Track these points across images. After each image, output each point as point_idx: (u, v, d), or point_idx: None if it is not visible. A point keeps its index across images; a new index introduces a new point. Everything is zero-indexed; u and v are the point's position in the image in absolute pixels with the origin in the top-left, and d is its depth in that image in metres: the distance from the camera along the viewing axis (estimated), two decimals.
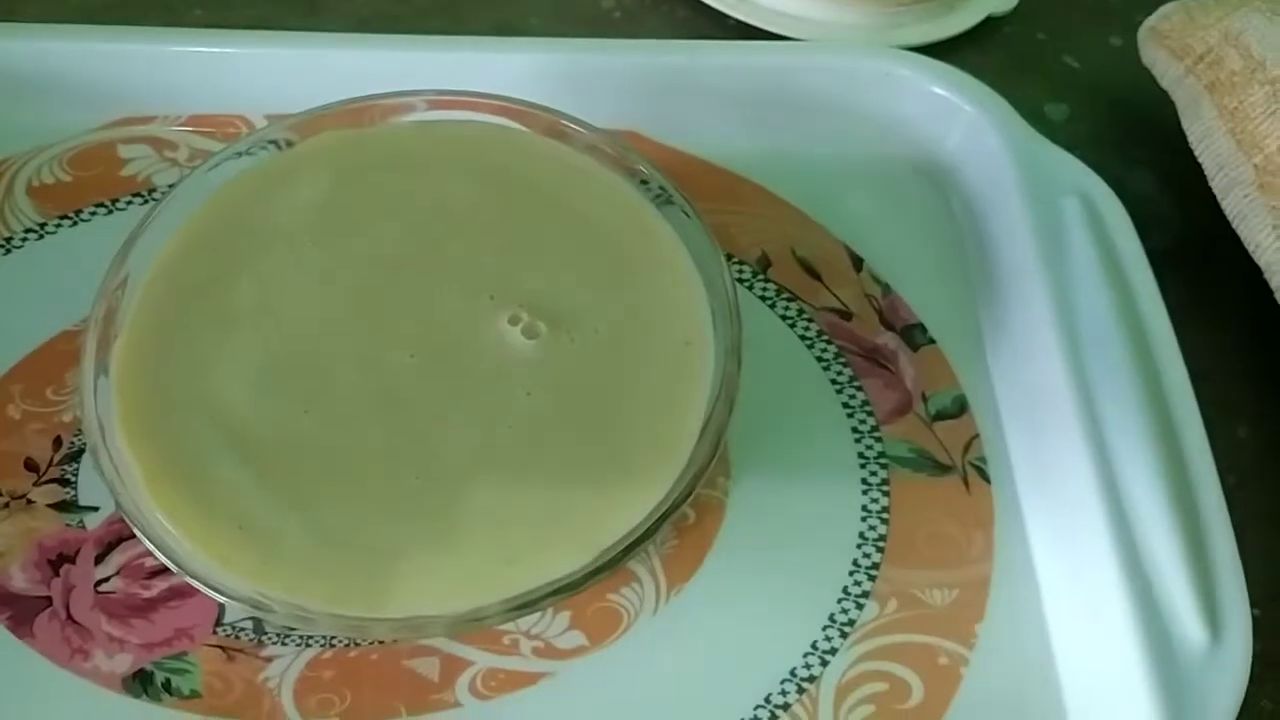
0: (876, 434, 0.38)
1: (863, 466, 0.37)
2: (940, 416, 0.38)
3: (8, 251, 0.39)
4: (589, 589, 0.29)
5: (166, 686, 0.32)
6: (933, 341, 0.40)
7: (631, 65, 0.42)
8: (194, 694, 0.32)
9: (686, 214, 0.35)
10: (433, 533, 0.30)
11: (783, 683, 0.33)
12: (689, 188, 0.36)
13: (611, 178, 0.36)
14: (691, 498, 0.31)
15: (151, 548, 0.29)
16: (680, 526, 0.36)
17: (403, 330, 0.33)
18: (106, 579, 0.34)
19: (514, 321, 0.32)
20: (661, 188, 0.35)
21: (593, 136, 0.36)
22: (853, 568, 0.35)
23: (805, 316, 0.40)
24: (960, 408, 0.38)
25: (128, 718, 0.32)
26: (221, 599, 0.29)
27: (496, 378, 0.32)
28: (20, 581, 0.34)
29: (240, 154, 0.36)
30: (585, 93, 0.41)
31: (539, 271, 0.34)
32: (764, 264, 0.41)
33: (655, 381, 0.32)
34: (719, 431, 0.31)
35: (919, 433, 0.38)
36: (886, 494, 0.37)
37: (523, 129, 0.36)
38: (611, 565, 0.29)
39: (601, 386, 0.32)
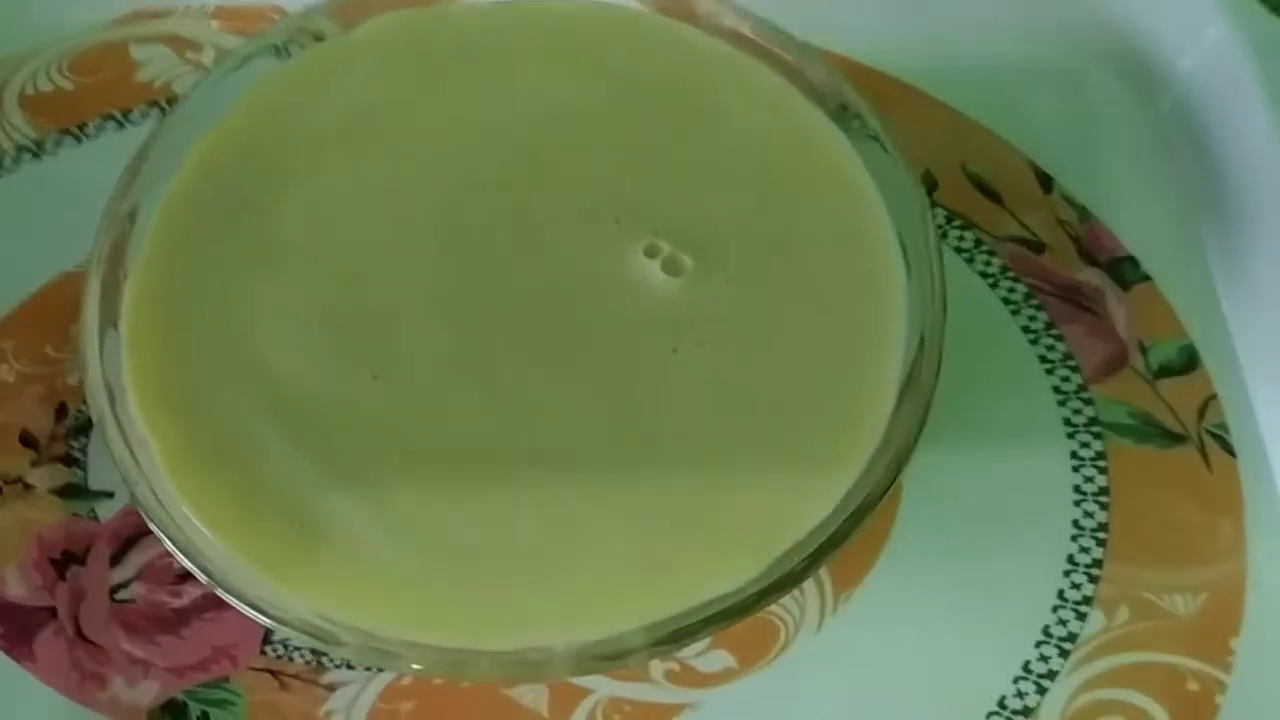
0: (1085, 394, 0.30)
1: (1071, 436, 0.29)
2: (1165, 372, 0.30)
3: None
4: (761, 609, 0.22)
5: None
6: (1148, 278, 0.32)
7: None
8: None
9: (858, 117, 0.27)
10: (548, 536, 0.22)
11: (989, 717, 0.26)
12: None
13: (756, 69, 0.28)
14: (892, 488, 0.23)
15: (174, 550, 0.22)
16: None
17: (500, 267, 0.25)
18: (125, 584, 0.27)
19: (651, 253, 0.25)
20: (827, 87, 0.27)
21: (732, 17, 0.28)
22: (1068, 566, 0.28)
23: (984, 249, 0.32)
24: (1190, 362, 0.30)
25: None
26: (269, 623, 0.21)
27: (630, 329, 0.24)
28: (17, 588, 0.27)
29: (276, 48, 0.28)
30: None
31: (675, 189, 0.26)
32: (930, 185, 0.33)
33: (836, 329, 0.24)
34: (926, 399, 0.24)
35: (1139, 393, 0.30)
36: (1104, 470, 0.29)
37: (639, 6, 0.28)
38: (790, 581, 0.22)
39: (769, 338, 0.24)
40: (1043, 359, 0.30)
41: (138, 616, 0.26)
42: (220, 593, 0.22)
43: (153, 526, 0.22)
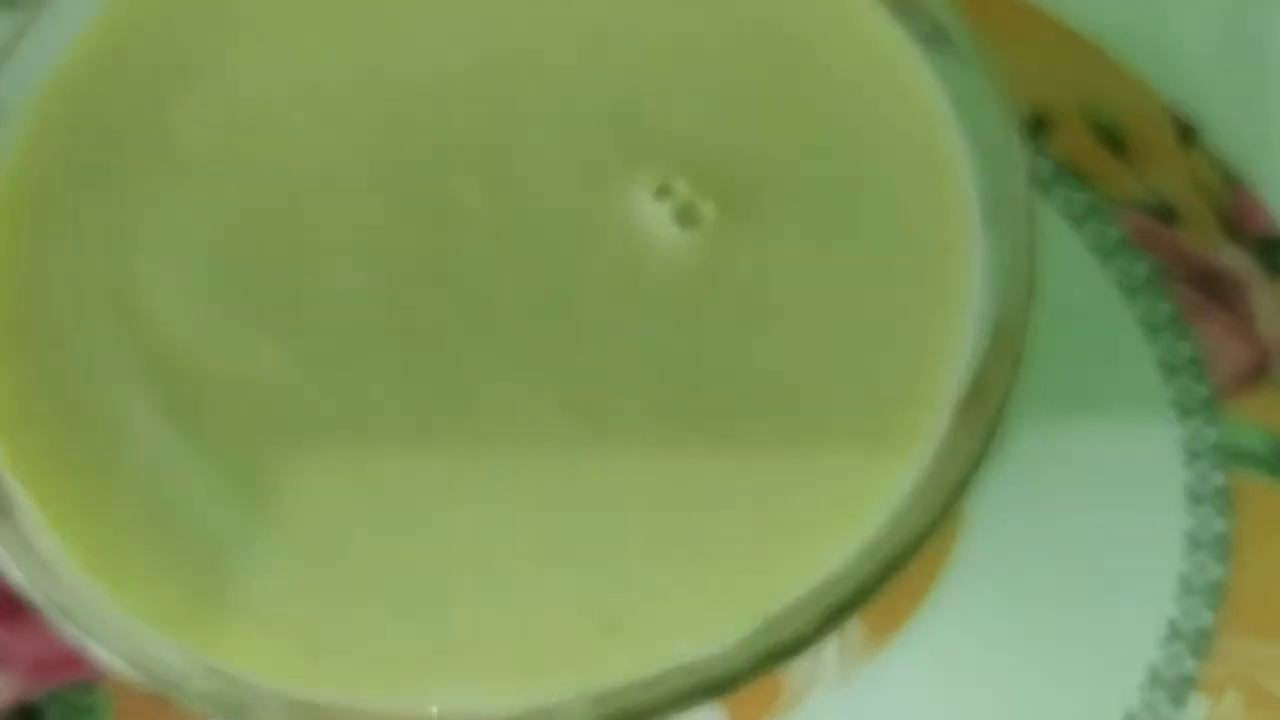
0: (1211, 411, 0.23)
1: (1188, 465, 0.23)
2: None
3: None
4: (752, 681, 0.16)
5: None
6: None
7: None
8: None
9: (946, 35, 0.20)
10: (468, 565, 0.17)
11: None
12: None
13: None
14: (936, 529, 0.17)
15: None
16: None
17: (459, 200, 0.19)
18: None
19: (662, 195, 0.19)
20: None
21: None
22: (1169, 633, 0.22)
23: (1100, 215, 0.25)
24: None
25: None
26: (103, 654, 0.16)
27: (618, 295, 0.18)
28: None
29: None
30: None
31: (704, 112, 0.20)
32: (1036, 126, 0.26)
33: (887, 314, 0.18)
34: (994, 411, 0.17)
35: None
36: (1226, 513, 0.23)
37: None
38: (790, 649, 0.16)
39: (802, 320, 0.18)
40: (1163, 363, 0.24)
41: None
42: (35, 601, 0.17)
43: None
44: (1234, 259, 0.25)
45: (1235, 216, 0.25)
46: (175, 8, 0.20)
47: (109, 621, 0.17)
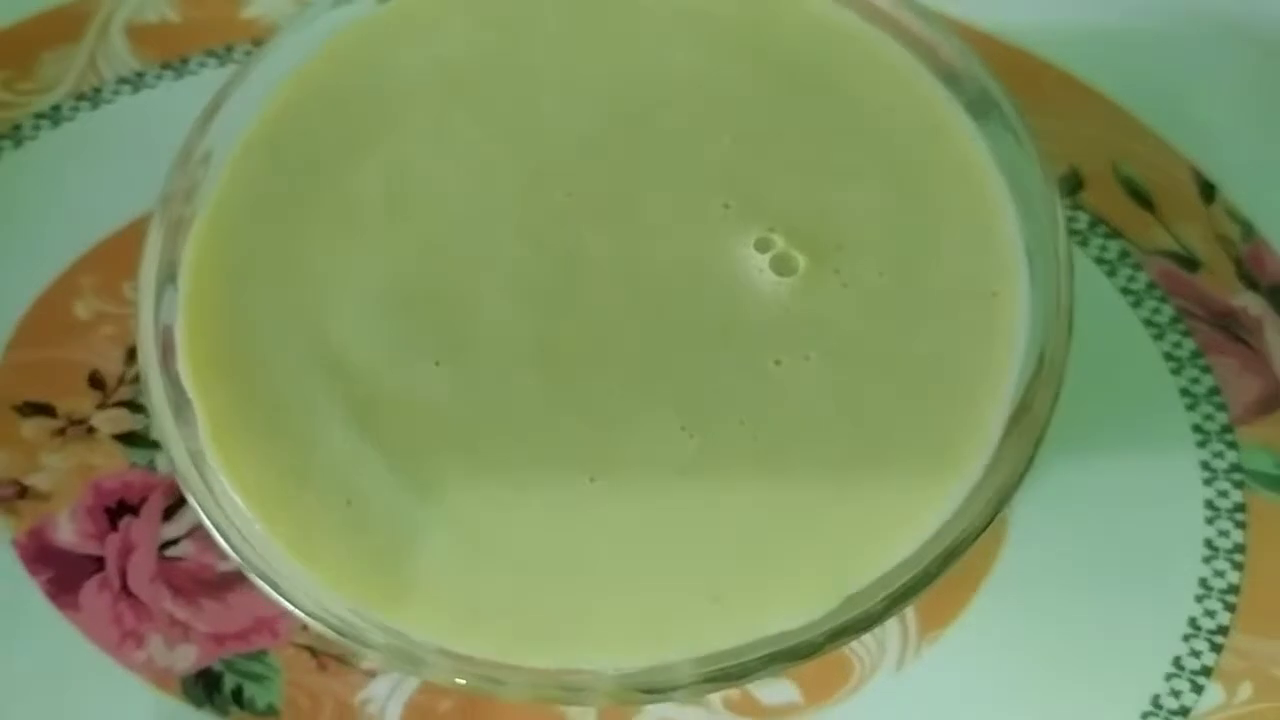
0: (1229, 436, 0.27)
1: (1208, 483, 0.26)
2: None
3: (95, 106, 0.31)
4: (829, 652, 0.20)
5: (238, 695, 0.24)
6: None
7: None
8: (270, 710, 0.24)
9: (995, 104, 0.24)
10: (605, 553, 0.20)
11: None
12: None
13: (887, 44, 0.25)
14: (991, 526, 0.20)
15: (205, 520, 0.20)
16: None
17: (587, 248, 0.23)
18: (175, 541, 0.26)
19: (763, 247, 0.22)
20: (964, 71, 0.24)
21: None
22: (1189, 630, 0.25)
23: (1130, 262, 0.29)
24: None
25: None
26: (291, 609, 0.20)
27: (728, 333, 0.22)
28: (68, 533, 0.26)
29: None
30: None
31: (794, 176, 0.23)
32: (1074, 184, 0.30)
33: (945, 350, 0.22)
34: (1038, 430, 0.21)
35: None
36: (1241, 525, 0.26)
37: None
38: (862, 624, 0.20)
39: (870, 353, 0.22)
40: (1185, 392, 0.27)
41: (184, 576, 0.25)
42: (247, 573, 0.20)
43: (186, 494, 0.21)
44: (1250, 302, 0.28)
45: (1251, 264, 0.28)
46: (354, 77, 0.24)
47: (307, 590, 0.20)
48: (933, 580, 0.20)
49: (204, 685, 0.24)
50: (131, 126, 0.31)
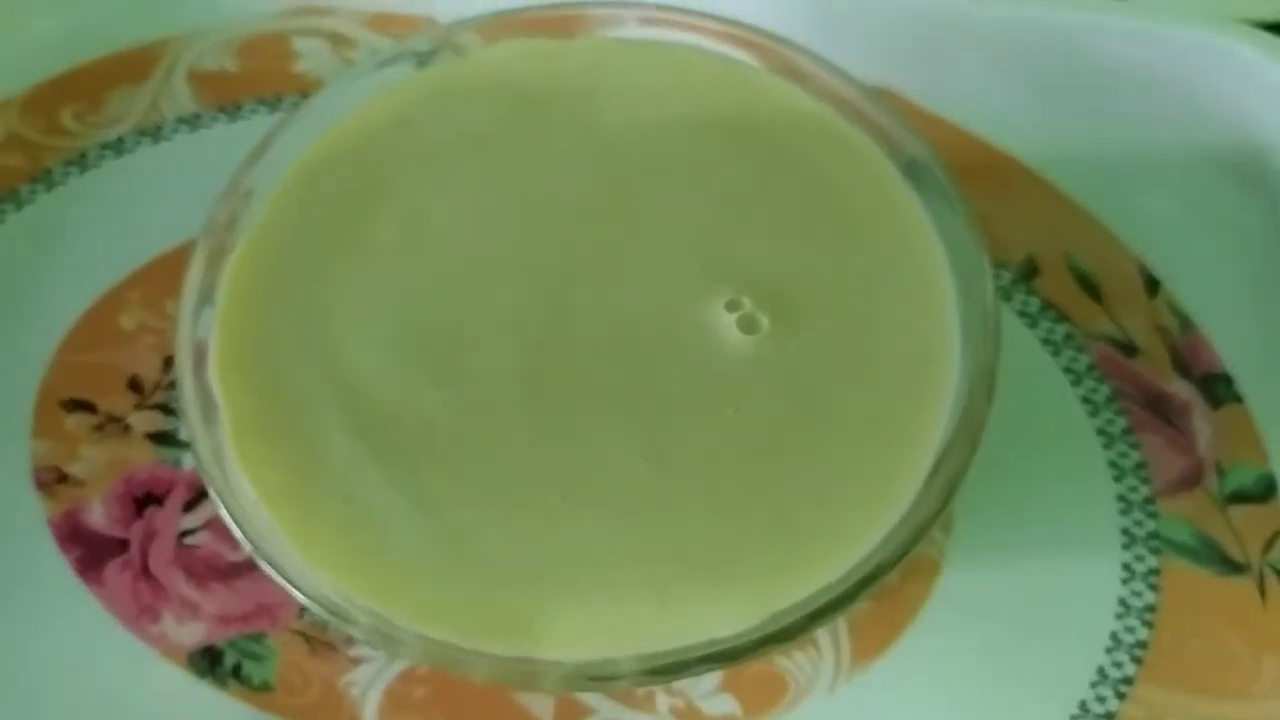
0: (1151, 507, 0.29)
1: (1126, 548, 0.29)
2: (1238, 498, 0.29)
3: (156, 141, 0.35)
4: (755, 659, 0.22)
5: (236, 671, 0.27)
6: (1239, 400, 0.30)
7: (896, 2, 0.34)
8: (265, 685, 0.27)
9: (946, 194, 0.27)
10: (571, 560, 0.23)
11: None
12: (947, 162, 0.28)
13: (856, 136, 0.28)
14: (904, 561, 0.23)
15: (221, 510, 0.23)
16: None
17: (576, 297, 0.26)
18: (193, 530, 0.29)
19: (732, 308, 0.25)
20: (918, 158, 0.27)
21: (838, 83, 0.28)
22: (1097, 678, 0.27)
23: (1074, 344, 0.31)
24: (1267, 491, 0.29)
25: (188, 700, 0.27)
26: (286, 586, 0.23)
27: (696, 382, 0.25)
28: (99, 518, 0.29)
29: (418, 55, 0.30)
30: (834, 29, 0.34)
31: (764, 245, 0.27)
32: (1029, 271, 0.32)
33: (883, 404, 0.25)
34: (954, 480, 0.24)
35: (1207, 515, 0.29)
36: (1154, 588, 0.28)
37: (753, 63, 0.29)
38: (786, 636, 0.22)
39: (819, 404, 0.25)
40: (1113, 464, 0.30)
41: (198, 562, 0.28)
42: (254, 556, 0.23)
43: (207, 486, 0.24)
44: (1181, 389, 0.31)
45: (1186, 354, 0.31)
46: (384, 133, 0.28)
47: (304, 574, 0.23)
48: (849, 602, 0.23)
49: (208, 660, 0.27)
50: (187, 161, 0.35)
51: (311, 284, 0.26)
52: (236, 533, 0.23)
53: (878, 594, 0.26)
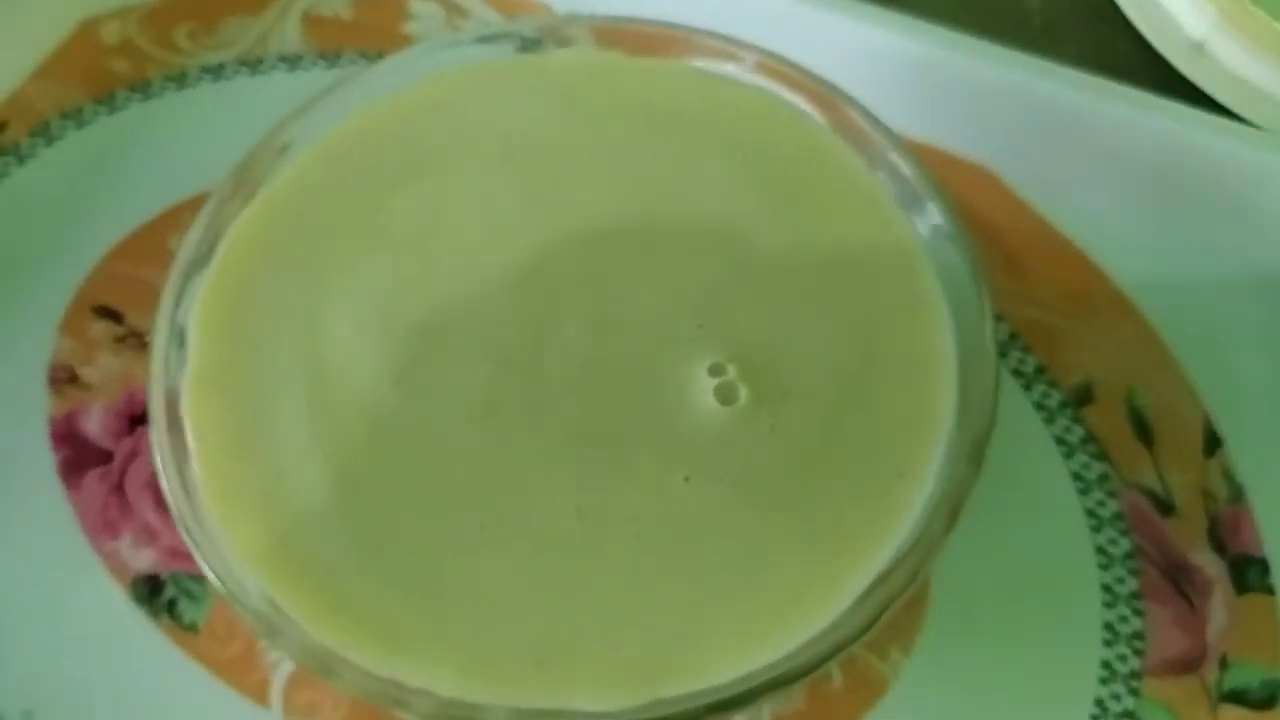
0: (1134, 683, 0.27)
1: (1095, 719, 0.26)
2: (1234, 698, 0.27)
3: (254, 73, 0.36)
4: None
5: (171, 606, 0.28)
6: (1270, 591, 0.28)
7: (1008, 84, 0.32)
8: (193, 627, 0.28)
9: (972, 289, 0.25)
10: (467, 596, 0.23)
11: None
12: (1022, 256, 0.26)
13: (896, 215, 0.26)
14: (811, 675, 0.22)
15: (155, 453, 0.24)
16: (821, 691, 0.27)
17: (563, 324, 0.25)
18: None
19: (716, 372, 0.24)
20: (947, 230, 0.26)
21: (882, 143, 0.27)
22: None
23: (1107, 487, 0.29)
24: (1269, 698, 0.26)
25: (119, 623, 0.28)
26: (204, 569, 0.23)
27: (653, 443, 0.24)
28: (94, 426, 0.30)
29: (517, 38, 0.29)
30: (941, 98, 0.32)
31: (770, 307, 0.25)
32: (1083, 396, 0.30)
33: (836, 514, 0.23)
34: (886, 603, 0.22)
35: (1193, 708, 0.27)
36: None
37: (810, 111, 0.28)
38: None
39: (771, 499, 0.23)
40: (1109, 626, 0.27)
41: None
42: (171, 509, 0.23)
43: (150, 430, 0.24)
44: (1209, 563, 0.28)
45: (1226, 527, 0.28)
46: (426, 114, 0.28)
47: (214, 541, 0.23)
48: (738, 707, 0.21)
49: (149, 588, 0.28)
50: (278, 97, 0.35)
51: (314, 252, 0.26)
52: (162, 482, 0.23)
53: (818, 694, 0.25)
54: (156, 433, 0.24)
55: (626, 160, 0.27)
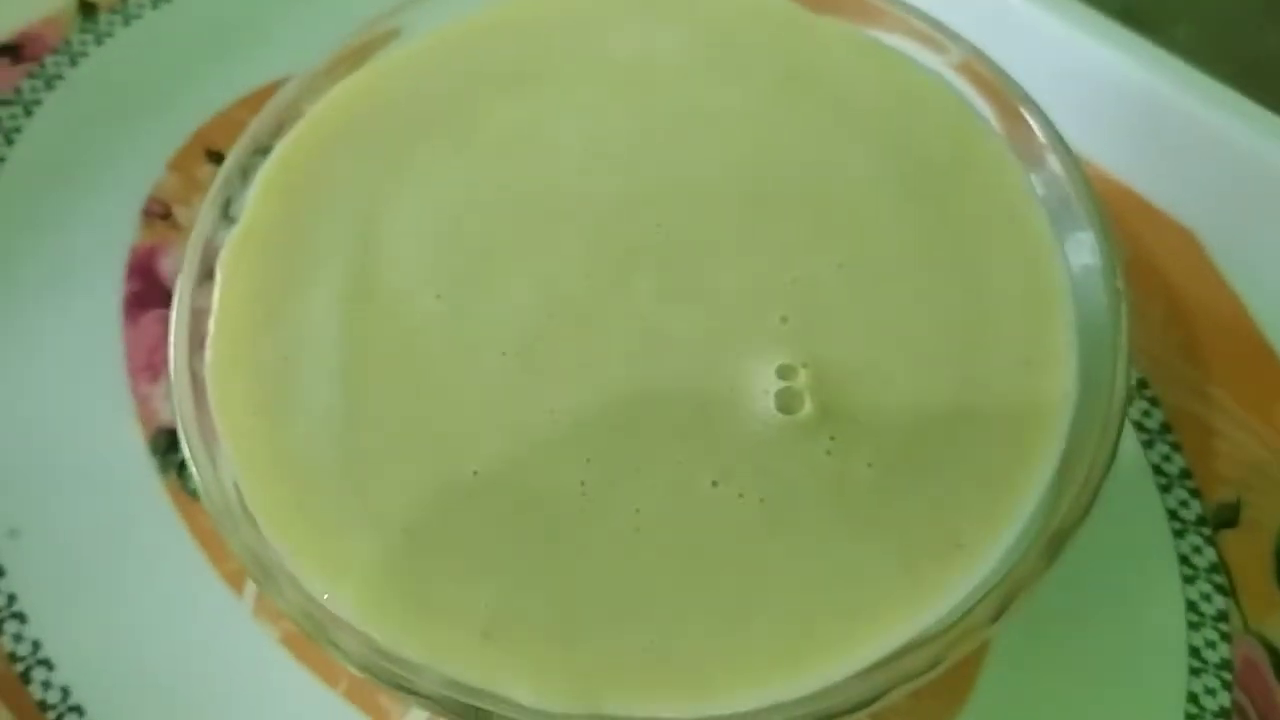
0: None
1: None
2: None
3: None
4: None
5: (182, 467, 0.27)
6: None
7: (1244, 146, 0.27)
8: (195, 494, 0.26)
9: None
10: (441, 544, 0.20)
11: None
12: (1205, 340, 0.22)
13: (1044, 248, 0.22)
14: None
15: (174, 317, 0.22)
16: None
17: (632, 281, 0.22)
18: None
19: (784, 375, 0.21)
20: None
21: (1071, 185, 0.23)
22: None
23: (1222, 628, 0.24)
24: None
25: (127, 465, 0.27)
26: (185, 451, 0.21)
27: (690, 434, 0.21)
28: (169, 266, 0.29)
29: None
30: (1158, 142, 0.27)
31: (864, 324, 0.22)
32: (1226, 518, 0.25)
33: (875, 576, 0.20)
34: (893, 683, 0.19)
35: None
36: None
37: (994, 123, 0.24)
38: None
39: (800, 536, 0.20)
40: None
41: None
42: (172, 397, 0.21)
43: (179, 281, 0.22)
44: None
45: None
46: (520, 36, 0.25)
47: (208, 416, 0.21)
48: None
49: (168, 443, 0.27)
50: None
51: (398, 141, 0.24)
52: (170, 337, 0.22)
53: None
54: (185, 281, 0.22)
55: (761, 121, 0.24)
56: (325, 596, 0.20)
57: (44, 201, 0.29)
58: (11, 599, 0.25)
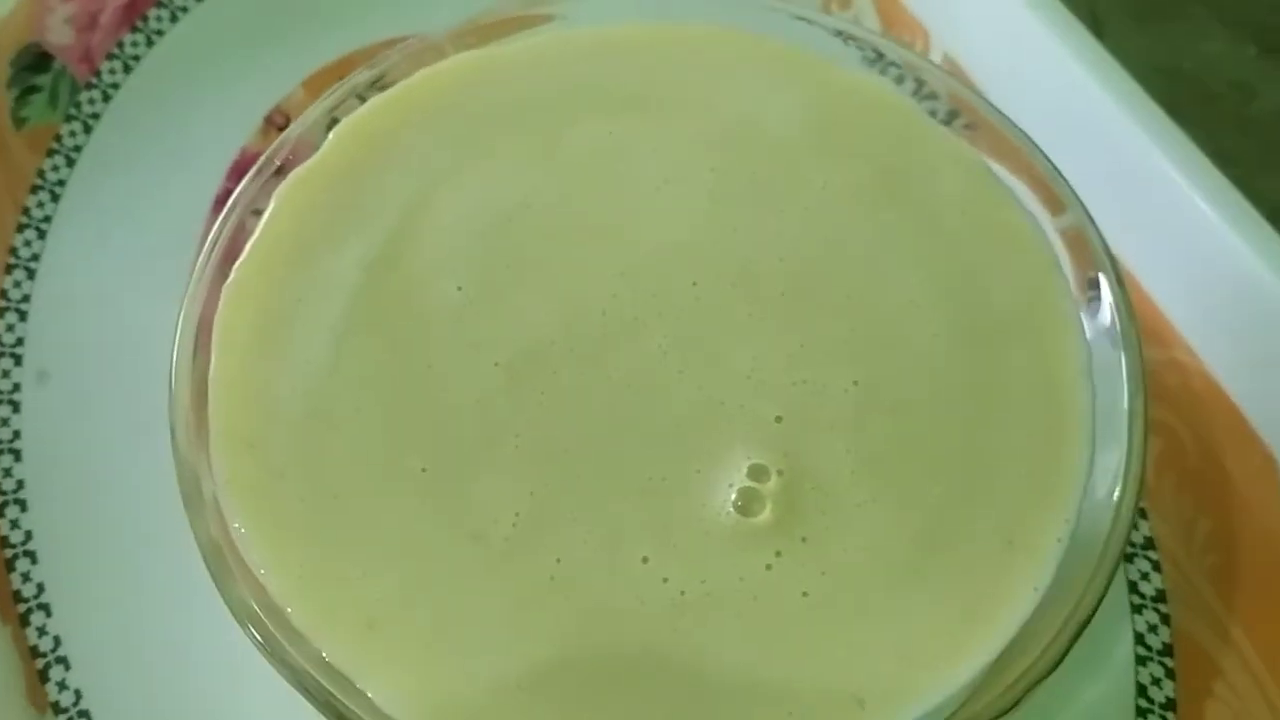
0: None
1: None
2: None
3: None
4: None
5: None
6: None
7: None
8: None
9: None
10: (360, 525, 0.21)
11: None
12: (1243, 575, 0.22)
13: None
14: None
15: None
16: None
17: (650, 332, 0.22)
18: None
19: (755, 474, 0.20)
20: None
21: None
22: None
23: None
24: None
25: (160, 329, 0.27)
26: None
27: (634, 503, 0.20)
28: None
29: (836, 33, 0.26)
30: (1259, 349, 0.25)
31: (843, 444, 0.21)
32: None
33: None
34: None
35: None
36: None
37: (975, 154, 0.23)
38: None
39: (706, 655, 0.20)
40: None
41: None
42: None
43: (231, 200, 0.23)
44: None
45: None
46: (633, 59, 0.25)
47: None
48: None
49: None
50: None
51: (475, 129, 0.24)
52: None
53: None
54: (244, 193, 0.23)
55: (839, 212, 0.23)
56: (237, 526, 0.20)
57: (168, 102, 0.31)
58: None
